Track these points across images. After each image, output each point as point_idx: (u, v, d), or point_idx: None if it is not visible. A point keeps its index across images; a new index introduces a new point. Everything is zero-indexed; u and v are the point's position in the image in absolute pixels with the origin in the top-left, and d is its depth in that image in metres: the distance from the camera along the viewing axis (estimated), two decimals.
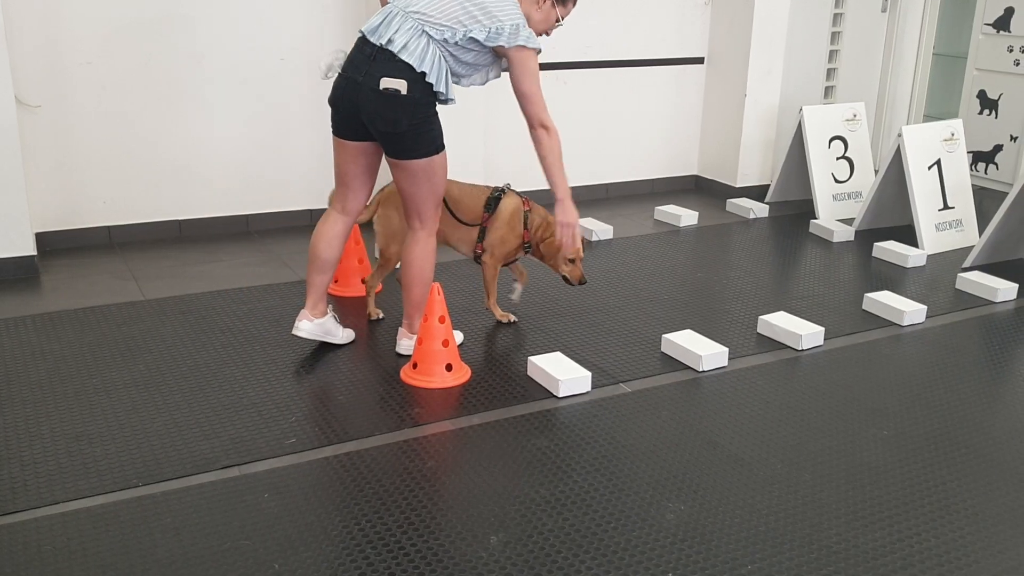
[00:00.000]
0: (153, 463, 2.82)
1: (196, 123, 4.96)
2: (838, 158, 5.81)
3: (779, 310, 4.10)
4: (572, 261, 3.80)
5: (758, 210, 5.83)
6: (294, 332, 3.58)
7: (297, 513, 2.60)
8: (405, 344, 3.60)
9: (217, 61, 4.91)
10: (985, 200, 6.06)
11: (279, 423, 3.09)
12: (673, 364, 3.65)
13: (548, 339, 3.84)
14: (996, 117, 6.56)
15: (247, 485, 2.73)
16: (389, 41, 3.17)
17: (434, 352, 3.38)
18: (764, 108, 6.19)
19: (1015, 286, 4.49)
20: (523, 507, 2.66)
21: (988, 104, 6.60)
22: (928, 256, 5.04)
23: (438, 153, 3.36)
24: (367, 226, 5.23)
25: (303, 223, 5.35)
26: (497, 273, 3.93)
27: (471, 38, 3.21)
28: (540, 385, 3.41)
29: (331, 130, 3.44)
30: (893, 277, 4.72)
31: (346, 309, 4.11)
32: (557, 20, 3.44)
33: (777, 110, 6.26)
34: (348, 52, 3.35)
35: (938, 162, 5.22)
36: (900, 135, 5.12)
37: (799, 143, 5.78)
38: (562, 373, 3.38)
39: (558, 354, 3.55)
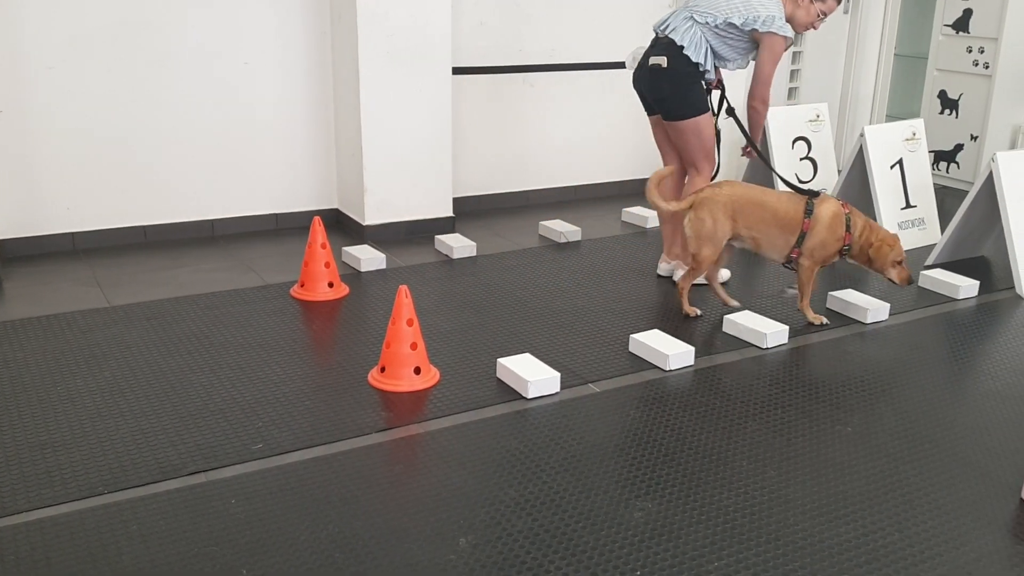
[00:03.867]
0: (119, 470, 2.80)
1: (160, 128, 4.92)
2: (802, 159, 5.86)
3: (744, 309, 4.14)
4: (899, 263, 3.95)
5: None
6: (658, 271, 4.64)
7: (265, 518, 2.59)
8: (673, 269, 4.52)
9: (181, 66, 4.88)
10: (947, 198, 6.15)
11: (246, 429, 3.07)
12: (641, 363, 3.67)
13: (517, 340, 3.85)
14: (956, 117, 6.66)
15: (214, 491, 2.71)
16: (665, 26, 4.12)
17: (402, 355, 3.38)
18: None
19: (976, 283, 4.56)
20: (492, 509, 2.66)
21: (949, 104, 6.70)
22: None
23: (701, 115, 4.16)
24: (338, 228, 5.24)
25: (268, 227, 5.32)
26: (814, 276, 4.02)
27: (729, 23, 4.00)
28: (509, 387, 3.42)
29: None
30: (857, 275, 4.77)
31: (312, 313, 4.10)
32: (819, 15, 4.18)
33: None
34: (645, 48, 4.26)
35: (900, 161, 5.28)
36: (863, 135, 5.17)
37: (763, 144, 5.81)
38: (531, 374, 3.38)
39: (527, 355, 3.56)
